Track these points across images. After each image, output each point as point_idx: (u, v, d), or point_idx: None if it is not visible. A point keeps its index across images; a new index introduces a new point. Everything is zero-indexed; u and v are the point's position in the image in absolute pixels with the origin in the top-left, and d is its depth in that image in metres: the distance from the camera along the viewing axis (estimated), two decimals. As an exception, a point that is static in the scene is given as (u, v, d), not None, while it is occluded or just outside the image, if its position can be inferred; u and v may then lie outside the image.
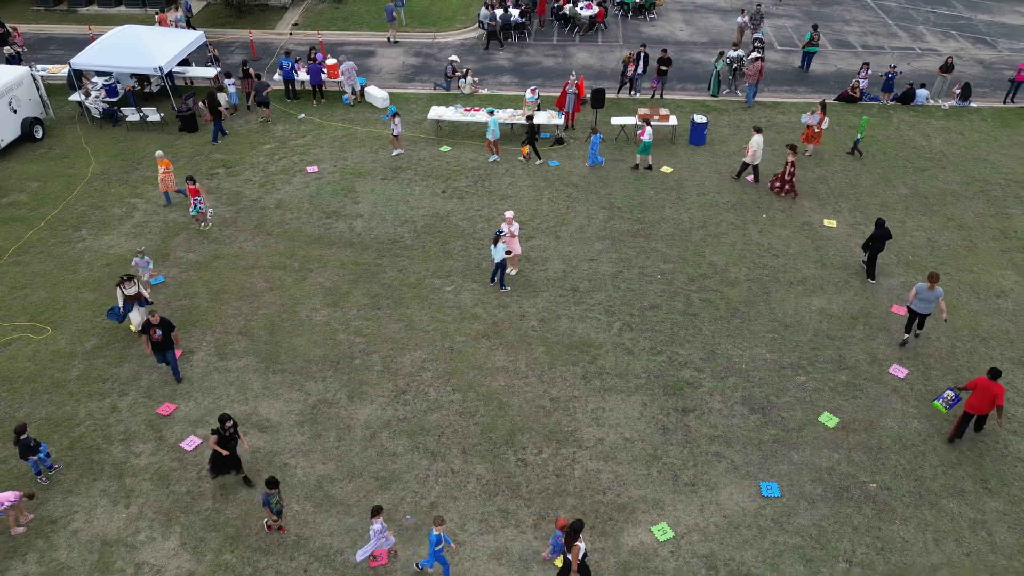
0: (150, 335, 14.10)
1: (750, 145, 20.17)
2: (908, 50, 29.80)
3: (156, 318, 13.97)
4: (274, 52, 29.17)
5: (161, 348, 14.29)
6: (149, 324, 14.11)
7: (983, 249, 18.37)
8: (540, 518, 12.23)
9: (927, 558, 11.63)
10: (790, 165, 19.86)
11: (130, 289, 15.16)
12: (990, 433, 13.61)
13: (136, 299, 15.34)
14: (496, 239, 16.36)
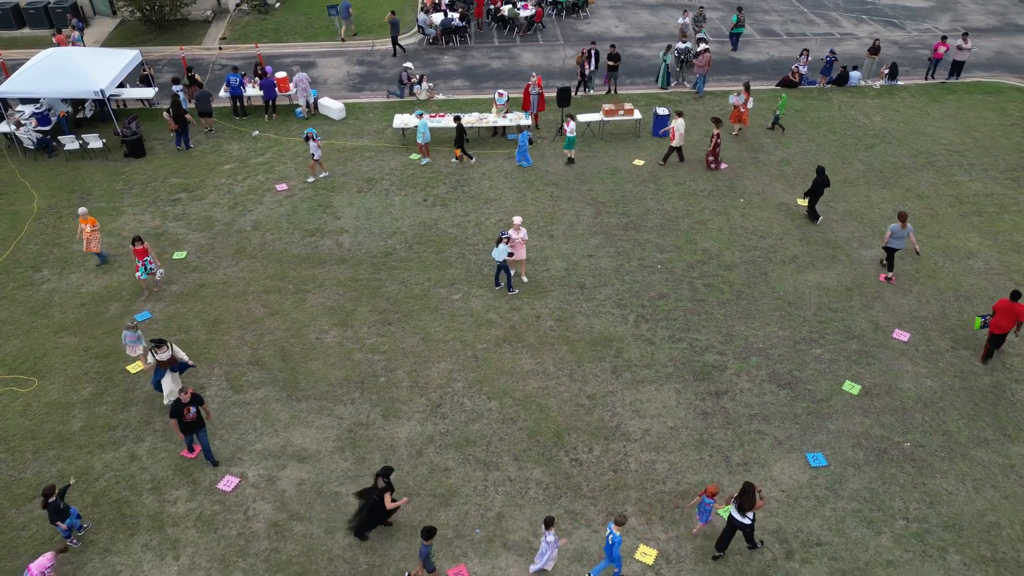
0: (182, 416, 12.39)
1: (674, 128, 20.95)
2: (828, 35, 31.59)
3: (187, 395, 12.29)
4: (207, 68, 27.83)
5: (194, 428, 12.64)
6: (180, 405, 12.32)
7: (944, 215, 19.73)
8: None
9: (972, 506, 12.42)
10: (716, 137, 21.02)
11: (162, 354, 13.22)
12: (999, 383, 14.66)
13: (170, 364, 13.47)
14: (499, 240, 16.25)
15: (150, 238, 18.84)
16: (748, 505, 10.92)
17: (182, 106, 22.20)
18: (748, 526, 11.12)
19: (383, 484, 11.39)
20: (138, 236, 16.16)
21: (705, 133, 23.26)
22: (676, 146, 21.28)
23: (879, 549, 11.77)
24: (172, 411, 12.41)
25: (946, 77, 27.18)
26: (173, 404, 12.44)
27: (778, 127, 23.71)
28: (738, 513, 11.08)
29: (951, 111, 25.00)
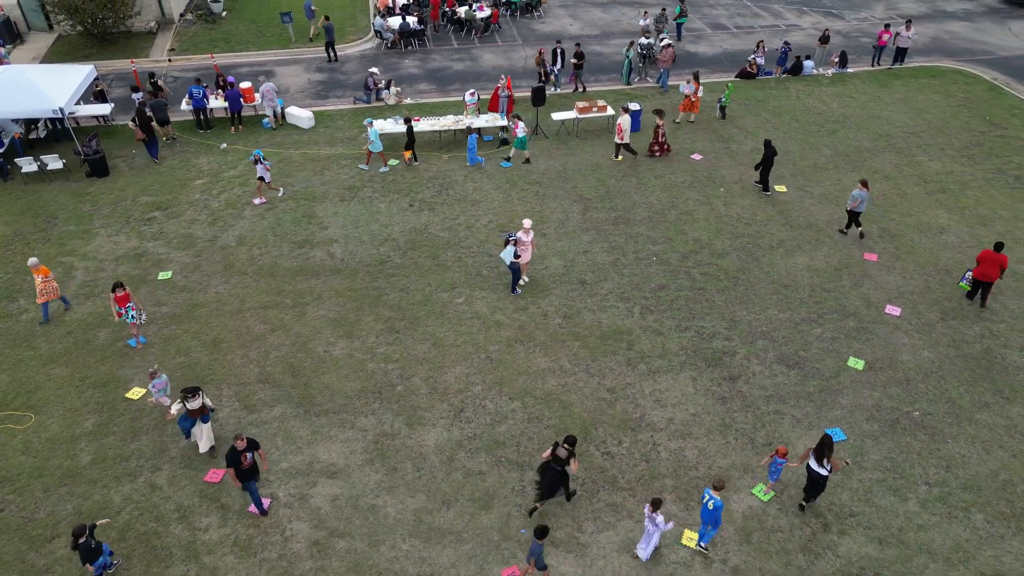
0: (240, 464, 11.57)
1: (620, 125, 21.22)
2: (774, 27, 32.67)
3: (243, 441, 11.51)
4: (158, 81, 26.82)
5: (251, 475, 11.88)
6: (236, 452, 11.44)
7: (911, 194, 20.69)
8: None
9: (985, 467, 13.10)
10: (660, 127, 21.73)
11: (194, 403, 12.47)
12: (989, 350, 15.47)
13: (200, 413, 12.77)
14: (507, 242, 16.26)
15: (128, 260, 18.11)
16: (828, 454, 11.54)
17: (147, 114, 21.51)
18: (824, 478, 11.69)
19: (566, 453, 11.69)
20: (119, 282, 14.95)
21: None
22: (624, 142, 21.54)
23: (908, 515, 12.30)
24: (229, 460, 11.53)
25: (891, 63, 28.46)
26: (229, 452, 11.52)
27: (722, 114, 24.34)
28: (816, 463, 11.65)
29: (901, 95, 26.22)
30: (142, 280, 17.49)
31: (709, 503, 11.13)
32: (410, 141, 21.47)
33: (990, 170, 21.77)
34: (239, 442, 11.50)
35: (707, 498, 11.18)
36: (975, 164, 22.08)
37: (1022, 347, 15.55)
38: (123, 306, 15.10)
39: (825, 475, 11.71)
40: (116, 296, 14.96)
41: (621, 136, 21.37)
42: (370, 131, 21.05)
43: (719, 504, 11.09)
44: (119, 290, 14.93)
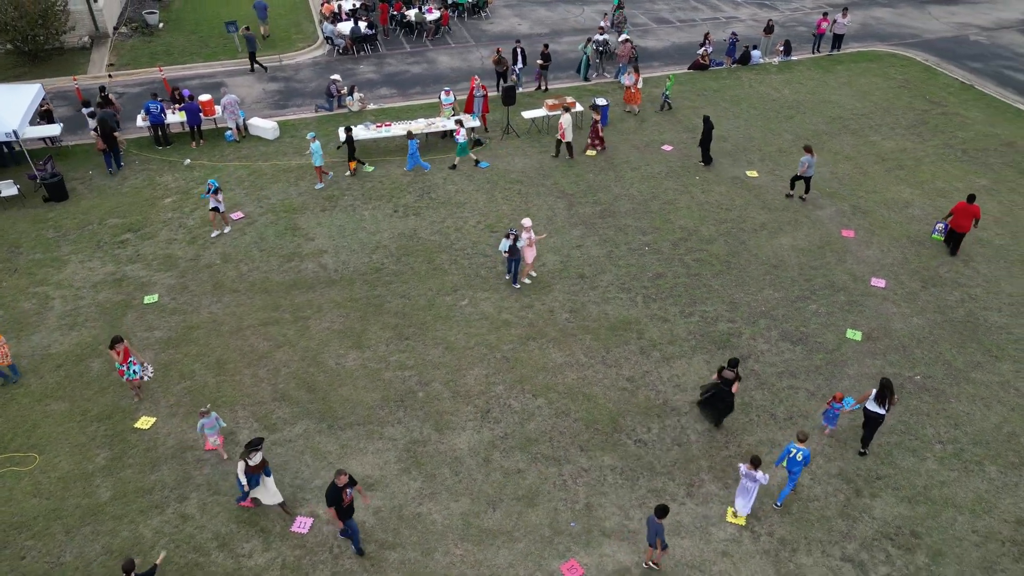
0: (342, 502, 10.87)
1: (562, 124, 21.35)
2: (714, 20, 33.74)
3: (345, 477, 10.84)
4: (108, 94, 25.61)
5: (351, 512, 11.23)
6: (337, 489, 10.75)
7: (872, 172, 21.77)
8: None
9: (989, 421, 13.96)
10: (597, 122, 22.19)
11: (255, 459, 11.57)
12: (972, 313, 16.46)
13: (262, 468, 11.74)
14: (507, 236, 16.34)
15: (107, 285, 17.28)
16: (890, 396, 12.50)
17: (110, 123, 20.66)
18: (882, 417, 12.68)
19: (733, 375, 12.93)
20: (118, 336, 13.59)
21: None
22: (566, 141, 21.72)
23: (929, 473, 12.99)
24: (330, 498, 10.81)
25: (830, 50, 29.81)
26: (330, 489, 10.80)
27: (667, 106, 24.94)
28: (876, 404, 12.60)
29: (844, 80, 27.51)
30: (127, 305, 16.72)
31: (797, 455, 11.85)
32: (351, 150, 21.03)
33: (939, 146, 23.11)
34: (341, 478, 10.80)
35: (794, 451, 11.88)
36: (924, 141, 23.40)
37: (1000, 308, 16.61)
38: (124, 362, 13.64)
39: (883, 414, 12.65)
40: (116, 351, 13.51)
41: (563, 135, 21.51)
42: (312, 145, 20.14)
43: (807, 454, 11.85)
44: (117, 345, 13.48)
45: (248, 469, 11.54)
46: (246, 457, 11.48)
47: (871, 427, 12.89)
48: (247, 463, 11.49)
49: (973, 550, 11.77)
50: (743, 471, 11.72)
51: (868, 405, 12.76)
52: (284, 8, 33.73)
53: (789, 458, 11.97)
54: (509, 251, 16.51)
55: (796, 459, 11.89)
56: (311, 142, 20.17)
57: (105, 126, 20.59)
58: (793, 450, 11.91)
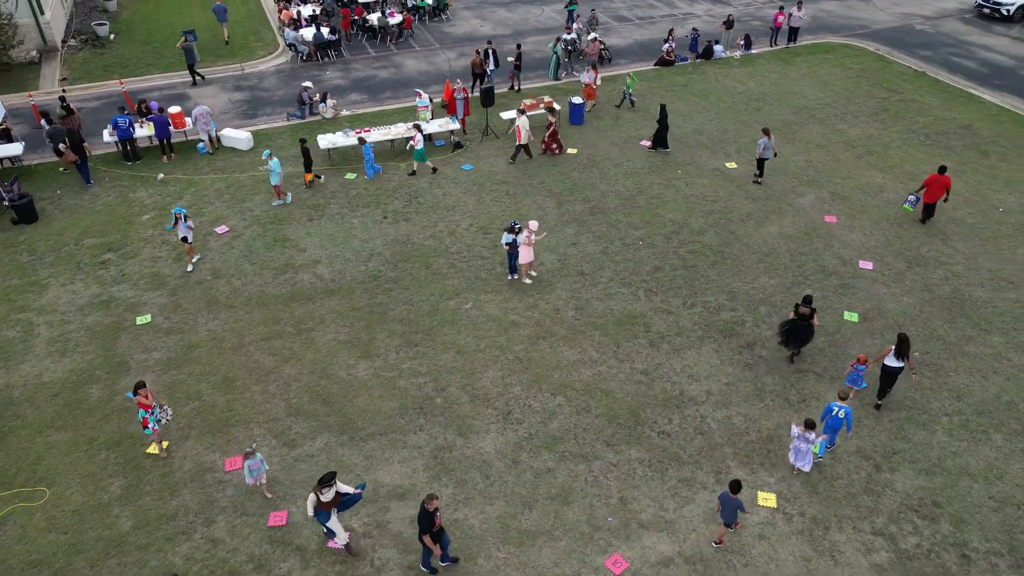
0: (433, 525, 10.61)
1: (519, 127, 21.24)
2: (672, 16, 34.36)
3: (435, 501, 10.57)
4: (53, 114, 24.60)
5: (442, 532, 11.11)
6: (428, 514, 10.46)
7: (844, 159, 22.51)
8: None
9: (988, 392, 14.60)
10: (552, 125, 21.97)
11: (328, 495, 10.89)
12: (957, 289, 17.18)
13: (334, 504, 11.11)
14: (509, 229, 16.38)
15: (94, 308, 16.63)
16: (907, 351, 13.38)
17: (79, 134, 19.99)
18: (900, 370, 13.58)
19: (808, 311, 14.34)
20: (141, 382, 12.71)
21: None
22: (523, 144, 21.54)
23: (940, 445, 13.52)
24: (424, 525, 10.54)
25: (786, 43, 30.69)
26: (421, 515, 10.56)
27: (627, 103, 25.20)
28: (895, 359, 13.46)
29: (804, 71, 28.36)
30: (119, 328, 16.11)
31: (839, 412, 12.58)
32: (308, 163, 20.36)
33: (902, 131, 24.04)
34: (433, 502, 10.49)
35: (836, 410, 12.61)
36: (887, 127, 24.31)
37: (982, 283, 17.39)
38: (148, 410, 12.72)
39: (900, 367, 13.54)
40: (139, 400, 12.64)
41: (520, 138, 21.38)
42: (270, 163, 19.39)
43: (849, 411, 12.56)
44: (141, 390, 12.61)
45: (319, 505, 10.88)
46: (318, 492, 10.79)
47: (889, 381, 13.84)
48: (318, 498, 10.83)
49: (992, 515, 12.31)
50: (796, 433, 12.42)
51: (886, 361, 13.63)
52: (240, 16, 32.96)
53: (831, 416, 12.69)
54: (509, 244, 16.54)
55: (838, 416, 12.62)
56: (268, 160, 19.40)
57: (74, 136, 19.98)
58: (835, 408, 12.65)
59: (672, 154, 22.62)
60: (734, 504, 11.26)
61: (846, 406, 12.60)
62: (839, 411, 12.62)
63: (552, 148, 22.40)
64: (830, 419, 12.76)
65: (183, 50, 26.18)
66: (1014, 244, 18.68)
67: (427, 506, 10.51)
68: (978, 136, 23.64)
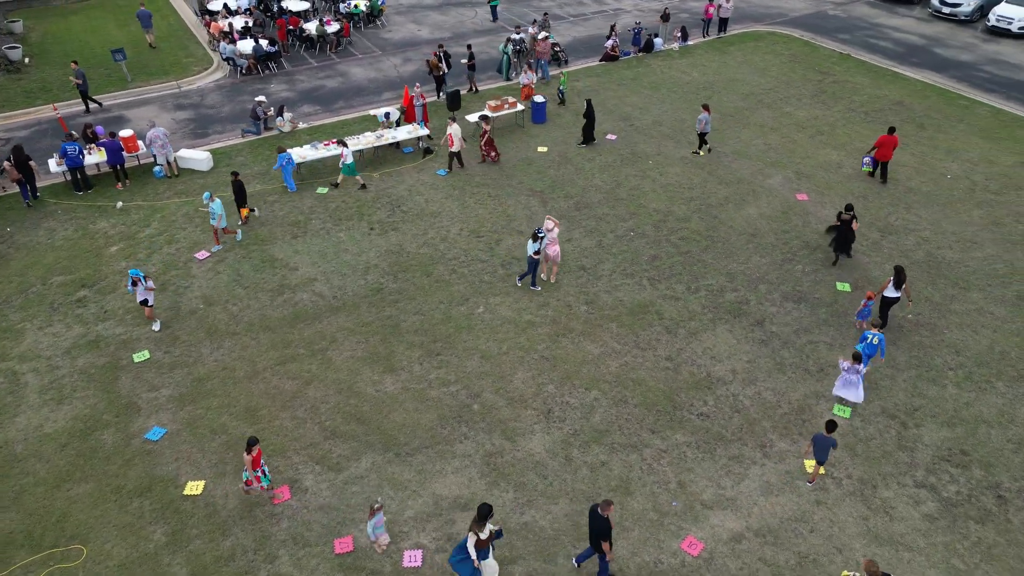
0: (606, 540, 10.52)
1: (451, 135, 20.82)
2: (603, 12, 35.11)
3: (612, 507, 10.53)
4: (-5, 146, 22.81)
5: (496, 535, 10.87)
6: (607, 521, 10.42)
7: (799, 140, 23.68)
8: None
9: (981, 344, 15.74)
10: (487, 132, 21.50)
11: (485, 531, 10.45)
12: (930, 253, 18.40)
13: (490, 542, 10.60)
14: (535, 236, 16.35)
15: (82, 349, 15.54)
16: (904, 279, 15.11)
17: (24, 151, 18.80)
18: (896, 299, 15.31)
19: (850, 216, 16.90)
20: (255, 439, 11.78)
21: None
22: (455, 152, 21.18)
23: (953, 397, 14.49)
24: (607, 532, 10.52)
25: (717, 33, 31.93)
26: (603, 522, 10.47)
27: (560, 100, 25.55)
28: (894, 288, 15.22)
29: (741, 59, 29.61)
30: (115, 367, 15.11)
31: (874, 339, 14.07)
32: (242, 197, 18.91)
33: (843, 110, 25.50)
34: (610, 507, 10.44)
35: (871, 337, 14.09)
36: (829, 108, 25.73)
37: (950, 245, 18.71)
38: (258, 466, 11.91)
39: (898, 297, 15.34)
40: (252, 456, 11.72)
41: (452, 145, 20.98)
42: (212, 205, 17.78)
43: (882, 338, 14.13)
44: (254, 447, 11.70)
45: (478, 543, 10.38)
46: (477, 530, 10.29)
47: (888, 308, 15.59)
48: (478, 536, 10.33)
49: (1014, 457, 13.31)
50: (845, 367, 13.75)
51: (886, 292, 15.44)
52: (163, 32, 31.35)
53: (867, 343, 14.17)
54: (536, 253, 16.48)
55: (873, 343, 14.14)
56: (210, 202, 17.74)
57: (20, 154, 18.75)
58: (870, 336, 14.16)
59: (638, 146, 23.16)
60: (828, 443, 12.25)
61: (879, 333, 14.14)
62: (873, 338, 14.12)
63: (489, 155, 21.88)
64: (866, 346, 14.17)
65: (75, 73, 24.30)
66: (968, 207, 20.19)
67: (605, 512, 10.43)
68: (911, 111, 25.36)
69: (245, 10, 31.90)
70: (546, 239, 16.62)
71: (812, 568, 11.55)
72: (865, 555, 11.68)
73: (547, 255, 16.95)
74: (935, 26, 33.52)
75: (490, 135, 21.73)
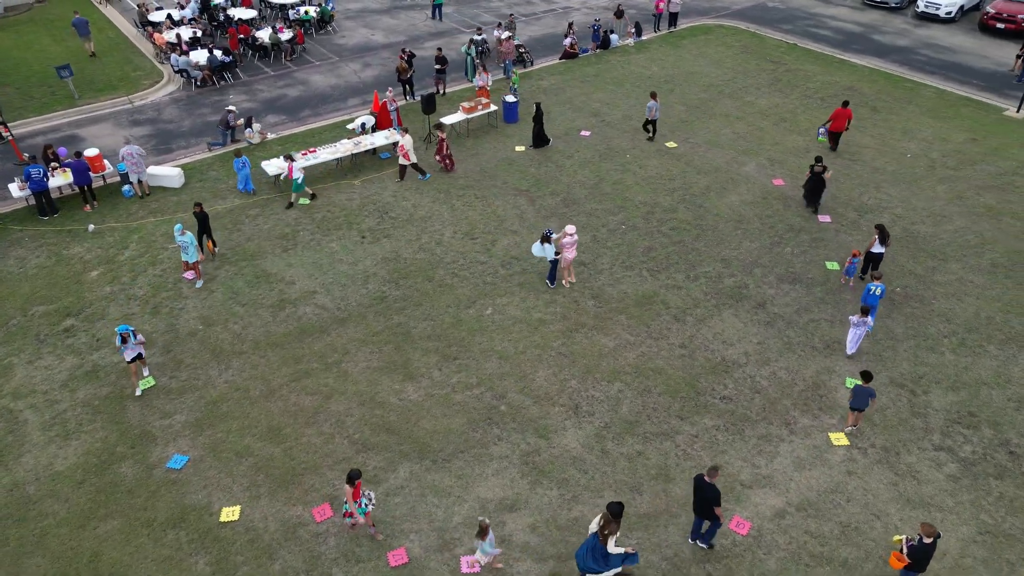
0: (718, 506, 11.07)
1: (402, 146, 20.38)
2: (552, 11, 35.42)
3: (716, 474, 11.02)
4: (-59, 173, 21.40)
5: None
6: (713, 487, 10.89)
7: (766, 128, 24.47)
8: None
9: (967, 312, 16.63)
10: (441, 142, 21.02)
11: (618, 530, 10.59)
12: (905, 229, 19.32)
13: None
14: (546, 238, 16.40)
15: (80, 380, 14.81)
16: (886, 237, 16.47)
17: None
18: (881, 255, 16.63)
19: (821, 168, 18.90)
20: (358, 471, 11.16)
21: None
22: (411, 163, 20.67)
23: (952, 364, 15.29)
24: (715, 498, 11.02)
25: (668, 27, 32.66)
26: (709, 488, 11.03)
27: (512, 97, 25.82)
28: (880, 244, 16.41)
29: (695, 52, 30.37)
30: (120, 397, 14.45)
31: (876, 290, 15.19)
32: (206, 230, 17.89)
33: (800, 97, 26.49)
34: (716, 475, 11.07)
35: (873, 288, 15.20)
36: (787, 95, 26.68)
37: (922, 220, 19.70)
38: (357, 498, 11.30)
39: (882, 252, 16.62)
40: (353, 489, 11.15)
41: (406, 157, 20.49)
42: (182, 238, 16.58)
43: (883, 287, 15.32)
44: (357, 478, 11.13)
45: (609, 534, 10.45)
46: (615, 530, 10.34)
47: (875, 263, 16.78)
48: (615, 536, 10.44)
49: (1015, 414, 14.15)
50: (855, 321, 14.85)
51: (873, 249, 16.61)
52: (104, 46, 29.97)
53: (870, 295, 15.28)
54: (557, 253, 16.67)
55: (875, 295, 15.25)
56: (181, 235, 16.59)
57: None
58: (872, 288, 15.25)
59: (612, 141, 23.50)
60: (867, 392, 13.15)
61: (881, 284, 15.31)
62: (876, 289, 15.23)
63: (444, 163, 21.42)
64: (869, 297, 15.32)
65: None
66: (932, 183, 21.30)
67: (710, 479, 11.00)
68: (863, 95, 26.55)
69: (190, 20, 30.84)
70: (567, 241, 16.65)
71: (855, 536, 12.02)
72: (902, 519, 12.23)
73: (565, 259, 17.00)
74: (868, 14, 35.16)
75: (446, 142, 21.15)
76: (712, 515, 11.18)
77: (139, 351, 14.34)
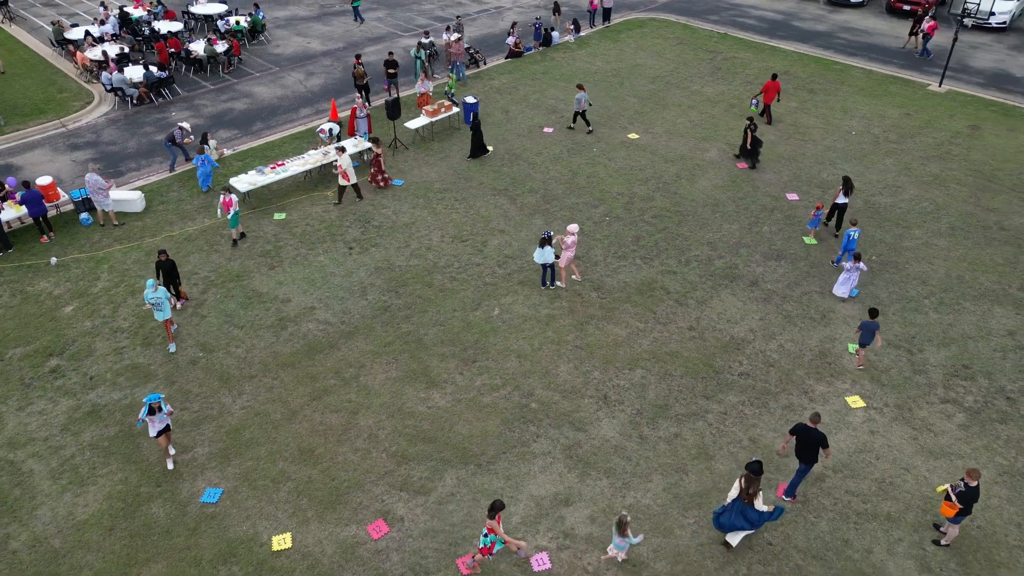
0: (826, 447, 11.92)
1: (340, 166, 19.43)
2: (485, 11, 35.52)
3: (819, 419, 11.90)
4: None
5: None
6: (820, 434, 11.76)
7: (719, 117, 25.37)
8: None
9: (939, 273, 17.83)
10: (379, 156, 20.33)
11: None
12: (867, 201, 20.50)
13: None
14: (547, 241, 16.47)
15: (82, 423, 13.90)
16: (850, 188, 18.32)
17: None
18: (845, 205, 18.59)
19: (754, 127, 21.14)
20: (500, 502, 10.63)
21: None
22: (351, 184, 19.75)
23: (937, 322, 16.36)
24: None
25: (603, 23, 33.35)
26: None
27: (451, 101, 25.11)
28: (844, 196, 18.37)
29: (635, 46, 31.16)
30: (129, 435, 13.63)
31: (854, 234, 16.97)
32: (176, 278, 16.33)
33: (742, 83, 27.62)
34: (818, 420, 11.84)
35: (853, 234, 16.95)
36: (730, 83, 27.76)
37: (880, 192, 20.96)
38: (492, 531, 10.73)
39: (846, 203, 18.54)
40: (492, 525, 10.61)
41: (346, 178, 19.54)
42: (154, 295, 14.76)
43: (859, 231, 17.23)
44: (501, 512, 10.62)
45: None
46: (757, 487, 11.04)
47: (841, 213, 18.69)
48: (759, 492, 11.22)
49: (1003, 362, 15.31)
50: (849, 266, 16.31)
51: (837, 200, 18.48)
52: (20, 68, 28.00)
53: (850, 240, 17.11)
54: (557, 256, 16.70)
55: (854, 238, 17.15)
56: (154, 290, 14.76)
57: None
58: (853, 233, 17.02)
59: (575, 136, 23.85)
60: (873, 327, 14.34)
61: (857, 229, 17.10)
62: (854, 234, 17.04)
63: (377, 180, 20.61)
64: (851, 243, 17.10)
65: None
66: (880, 157, 22.69)
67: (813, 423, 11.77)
68: (798, 78, 27.95)
69: (112, 36, 29.22)
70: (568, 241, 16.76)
71: (891, 490, 12.73)
72: (928, 469, 13.05)
73: (566, 257, 17.10)
74: (785, 2, 37.00)
75: (380, 158, 20.36)
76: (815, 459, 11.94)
77: (167, 423, 12.73)
